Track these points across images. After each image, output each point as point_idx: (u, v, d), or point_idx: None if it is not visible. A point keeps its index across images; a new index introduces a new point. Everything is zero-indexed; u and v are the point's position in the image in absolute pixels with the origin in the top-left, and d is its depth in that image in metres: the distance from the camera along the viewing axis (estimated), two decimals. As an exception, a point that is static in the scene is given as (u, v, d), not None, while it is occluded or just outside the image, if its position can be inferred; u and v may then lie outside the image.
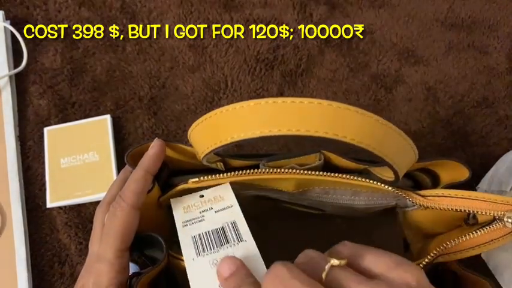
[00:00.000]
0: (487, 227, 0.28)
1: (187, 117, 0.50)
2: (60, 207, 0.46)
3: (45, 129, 0.48)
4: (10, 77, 0.50)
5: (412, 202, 0.31)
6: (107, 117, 0.48)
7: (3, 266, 0.43)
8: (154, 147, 0.31)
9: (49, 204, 0.45)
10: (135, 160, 0.31)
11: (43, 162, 0.47)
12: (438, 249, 0.30)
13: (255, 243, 0.27)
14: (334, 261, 0.22)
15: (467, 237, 0.29)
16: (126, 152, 0.32)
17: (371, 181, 0.30)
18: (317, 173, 0.30)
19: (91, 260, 0.29)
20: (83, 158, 0.47)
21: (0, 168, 0.46)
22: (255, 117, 0.23)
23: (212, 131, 0.25)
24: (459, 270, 0.32)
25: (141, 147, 0.32)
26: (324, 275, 0.22)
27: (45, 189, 0.46)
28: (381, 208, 0.37)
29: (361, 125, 0.23)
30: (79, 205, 0.46)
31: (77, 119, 0.49)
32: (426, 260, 0.30)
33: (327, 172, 0.30)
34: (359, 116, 0.23)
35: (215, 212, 0.30)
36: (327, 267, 0.22)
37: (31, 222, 0.46)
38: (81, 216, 0.46)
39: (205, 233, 0.29)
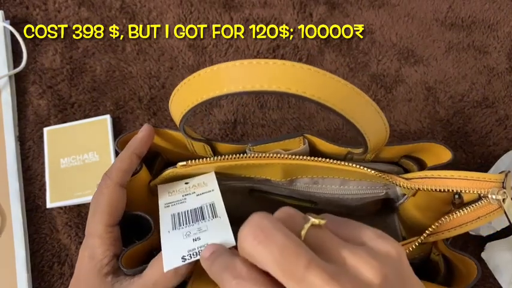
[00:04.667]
0: (473, 205, 0.29)
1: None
2: (60, 208, 0.46)
3: (45, 130, 0.48)
4: (10, 77, 0.50)
5: (399, 186, 0.31)
6: (107, 118, 0.48)
7: (3, 266, 0.43)
8: (143, 131, 0.33)
9: (49, 205, 0.45)
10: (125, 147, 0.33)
11: (43, 163, 0.47)
12: (428, 230, 0.30)
13: (228, 220, 0.29)
14: (314, 221, 0.21)
15: (455, 216, 0.30)
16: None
17: (354, 165, 0.30)
18: (302, 157, 0.31)
19: (85, 238, 0.30)
20: (82, 158, 0.47)
21: (0, 169, 0.46)
22: (223, 77, 0.24)
23: (185, 96, 0.26)
24: (447, 251, 0.33)
25: (131, 134, 0.33)
26: (303, 233, 0.21)
27: (45, 190, 0.46)
28: (372, 199, 0.37)
29: (324, 85, 0.23)
30: (79, 205, 0.46)
31: (76, 119, 0.49)
32: (419, 241, 0.31)
33: (312, 157, 0.31)
34: (321, 76, 0.23)
35: (197, 195, 0.32)
36: (306, 225, 0.21)
37: (31, 222, 0.46)
38: (81, 216, 0.46)
39: (184, 211, 0.30)
